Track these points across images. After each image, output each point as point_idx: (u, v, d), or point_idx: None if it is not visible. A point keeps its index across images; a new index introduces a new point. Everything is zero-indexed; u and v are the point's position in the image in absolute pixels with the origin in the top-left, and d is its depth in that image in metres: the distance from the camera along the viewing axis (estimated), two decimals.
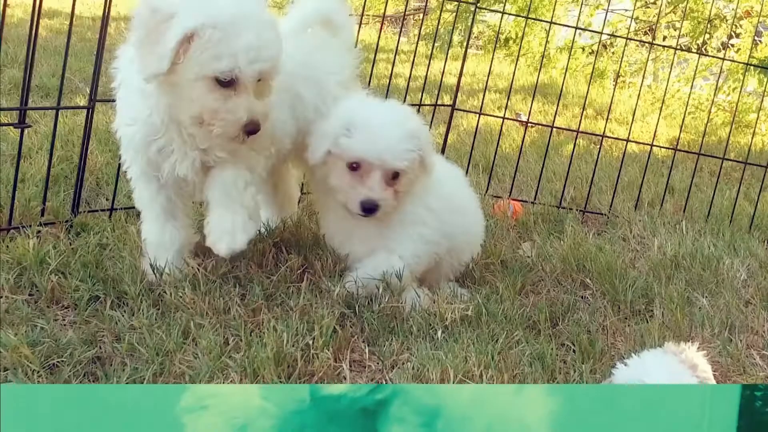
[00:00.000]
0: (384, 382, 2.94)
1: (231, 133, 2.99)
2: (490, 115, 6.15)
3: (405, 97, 5.04)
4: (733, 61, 9.10)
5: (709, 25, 10.40)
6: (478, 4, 5.32)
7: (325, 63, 3.68)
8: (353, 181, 3.31)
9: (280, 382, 2.79)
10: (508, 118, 5.64)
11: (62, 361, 2.75)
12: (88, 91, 3.94)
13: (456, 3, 6.17)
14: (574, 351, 3.31)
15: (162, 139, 3.12)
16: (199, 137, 3.09)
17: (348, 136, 3.29)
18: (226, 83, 2.91)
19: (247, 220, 3.29)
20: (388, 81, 5.21)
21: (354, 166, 3.31)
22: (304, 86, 3.50)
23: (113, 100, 3.26)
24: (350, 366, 2.98)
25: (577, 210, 5.13)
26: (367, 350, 3.09)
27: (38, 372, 2.67)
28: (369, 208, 3.30)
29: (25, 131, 3.75)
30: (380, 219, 3.38)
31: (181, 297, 3.17)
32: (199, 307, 3.13)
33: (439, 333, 3.21)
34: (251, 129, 2.99)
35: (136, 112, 3.11)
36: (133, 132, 3.14)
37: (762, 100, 8.34)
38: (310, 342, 2.98)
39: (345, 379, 2.91)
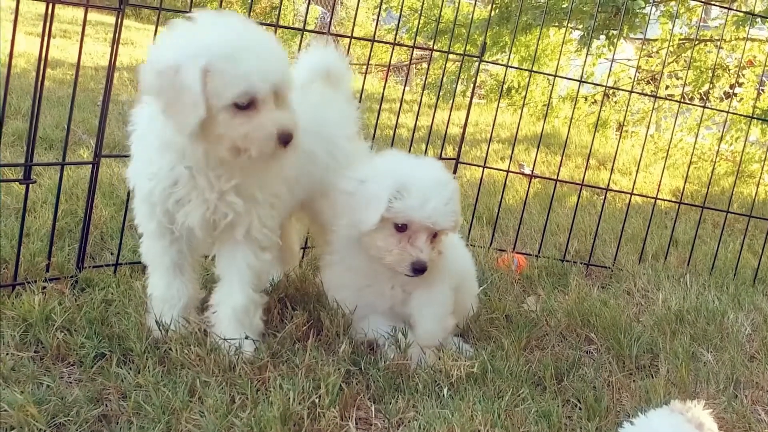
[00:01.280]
0: None
1: (268, 150, 2.98)
2: (494, 168, 6.18)
3: (409, 149, 5.07)
4: (736, 114, 9.12)
5: (711, 75, 10.45)
6: (482, 57, 5.35)
7: (332, 118, 3.69)
8: (401, 242, 3.34)
9: None
10: (512, 171, 5.66)
11: (68, 420, 2.74)
12: (93, 145, 3.94)
13: (460, 55, 6.23)
14: (579, 408, 3.30)
15: (182, 190, 3.12)
16: (241, 167, 3.09)
17: (400, 199, 3.30)
18: (246, 106, 2.92)
19: (253, 341, 3.34)
20: (392, 132, 5.23)
21: (401, 227, 3.33)
22: (317, 143, 3.51)
23: (118, 156, 3.26)
24: (356, 424, 2.98)
25: (581, 263, 5.15)
26: (373, 408, 3.09)
27: (45, 431, 2.66)
28: (420, 269, 3.33)
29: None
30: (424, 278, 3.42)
31: (186, 354, 3.17)
32: (205, 364, 3.13)
33: (445, 390, 3.21)
34: (285, 138, 2.99)
35: (157, 167, 3.11)
36: (153, 186, 3.14)
37: (766, 151, 8.35)
38: (317, 400, 2.97)
39: None
